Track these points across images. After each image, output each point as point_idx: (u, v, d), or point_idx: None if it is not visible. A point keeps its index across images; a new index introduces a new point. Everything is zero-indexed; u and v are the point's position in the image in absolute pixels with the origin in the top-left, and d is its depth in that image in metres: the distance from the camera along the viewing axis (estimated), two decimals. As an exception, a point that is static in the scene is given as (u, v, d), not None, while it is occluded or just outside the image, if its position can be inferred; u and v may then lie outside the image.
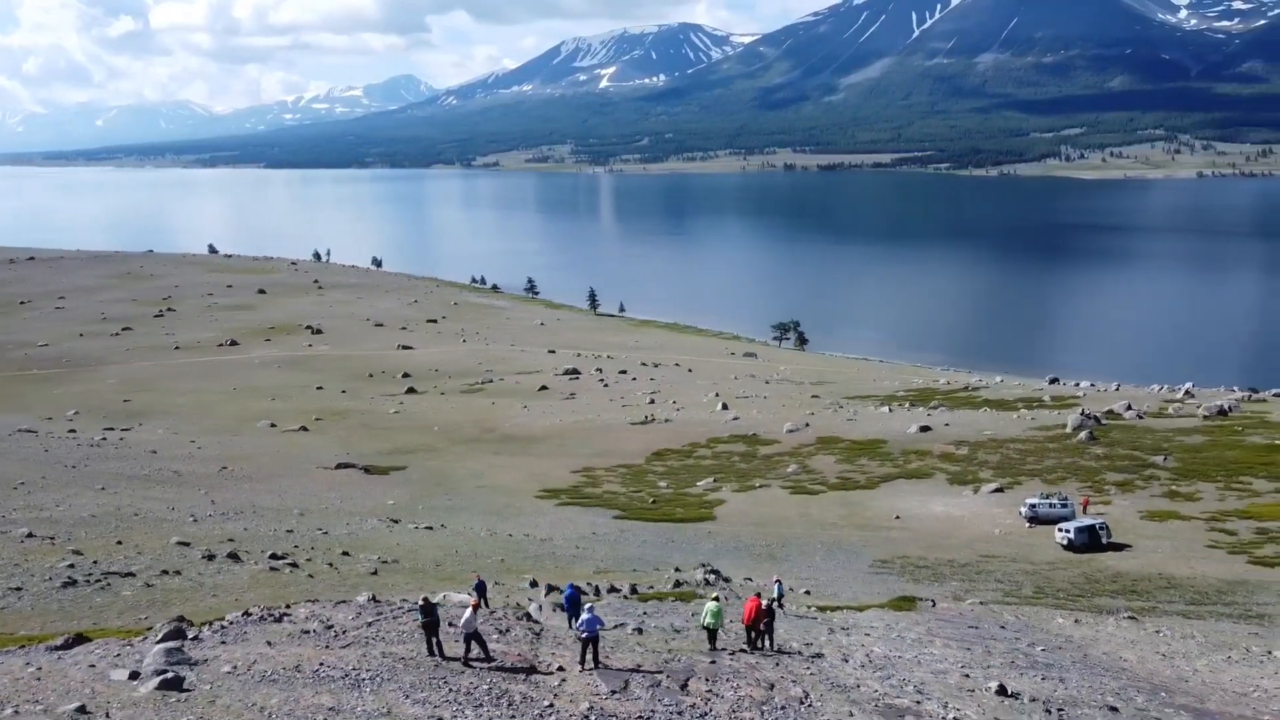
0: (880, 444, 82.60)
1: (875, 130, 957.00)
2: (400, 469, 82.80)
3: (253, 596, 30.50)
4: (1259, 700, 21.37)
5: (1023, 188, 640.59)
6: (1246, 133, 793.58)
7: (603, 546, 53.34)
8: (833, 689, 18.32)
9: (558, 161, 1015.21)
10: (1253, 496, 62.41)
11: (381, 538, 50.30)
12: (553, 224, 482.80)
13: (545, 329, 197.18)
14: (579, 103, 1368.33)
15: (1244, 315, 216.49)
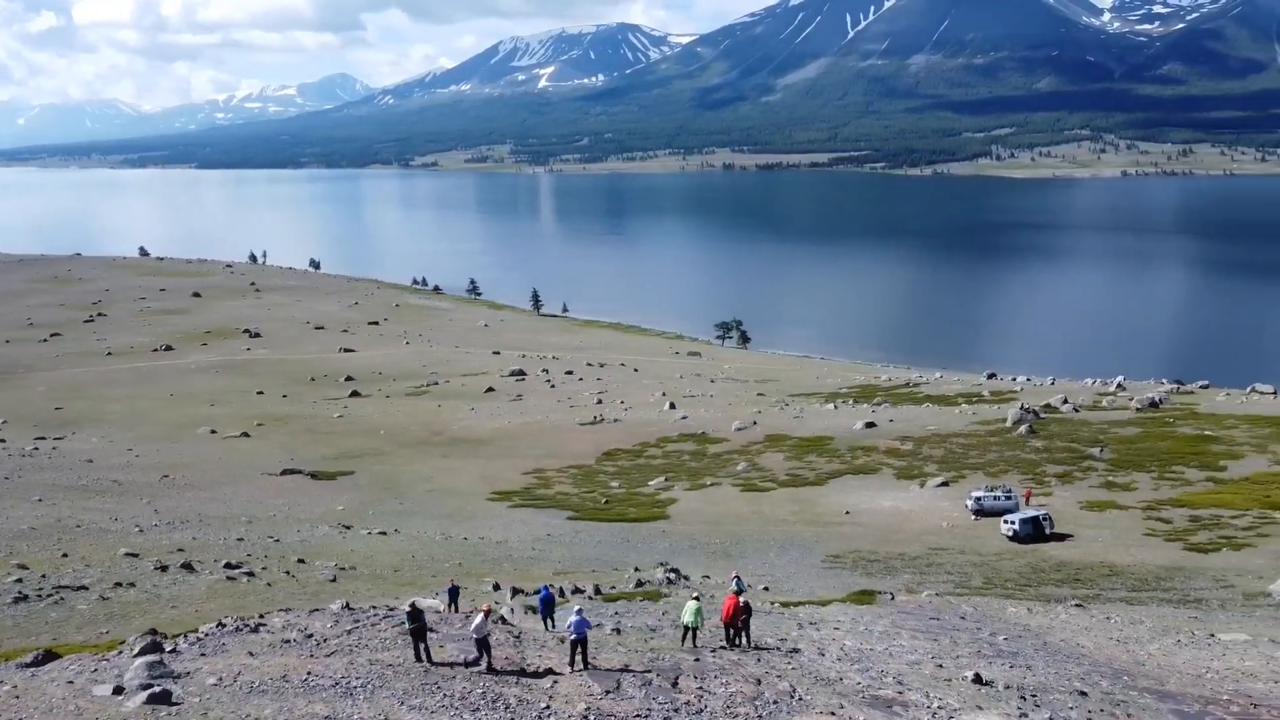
0: (827, 441, 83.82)
1: (812, 130, 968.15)
2: (347, 474, 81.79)
3: (213, 607, 30.03)
4: (1213, 681, 22.34)
5: (956, 187, 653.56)
6: (1167, 132, 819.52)
7: (559, 548, 53.39)
8: (816, 682, 18.75)
9: (497, 161, 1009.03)
10: (1185, 485, 64.70)
11: (335, 544, 49.74)
12: (493, 224, 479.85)
13: (489, 330, 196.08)
14: (518, 102, 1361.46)
15: (1168, 310, 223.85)
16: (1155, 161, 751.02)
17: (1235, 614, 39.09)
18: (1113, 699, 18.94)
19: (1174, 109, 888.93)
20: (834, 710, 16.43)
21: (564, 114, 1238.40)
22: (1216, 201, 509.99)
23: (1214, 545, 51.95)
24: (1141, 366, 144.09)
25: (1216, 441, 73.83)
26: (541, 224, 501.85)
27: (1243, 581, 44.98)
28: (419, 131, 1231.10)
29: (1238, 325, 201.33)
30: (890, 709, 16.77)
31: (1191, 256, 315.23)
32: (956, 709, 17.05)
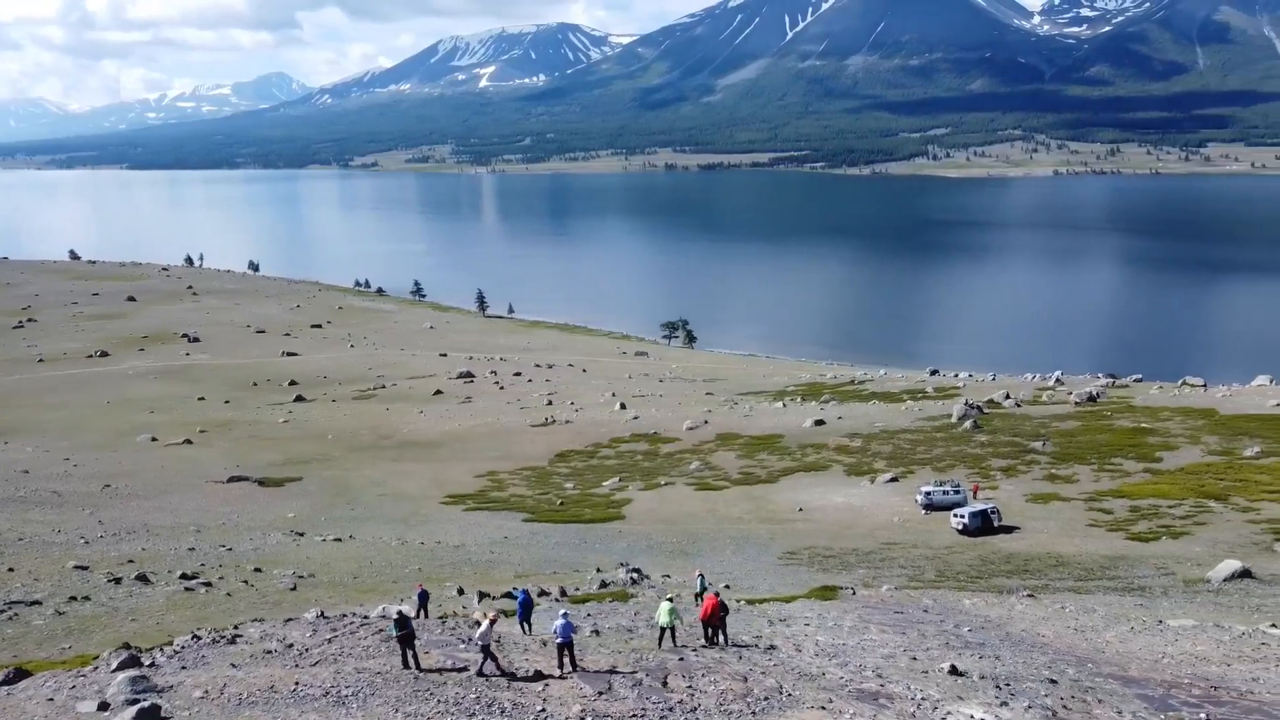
0: (778, 439, 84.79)
1: (753, 130, 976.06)
2: (296, 480, 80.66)
3: (174, 619, 29.53)
4: (1170, 666, 23.23)
5: (894, 186, 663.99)
6: (1096, 132, 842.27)
7: (517, 550, 53.33)
8: (800, 678, 19.11)
9: (438, 162, 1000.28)
10: (1124, 477, 66.70)
11: (290, 552, 49.12)
12: (436, 225, 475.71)
13: (435, 332, 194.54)
14: (459, 102, 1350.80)
15: (1100, 306, 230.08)
16: (1085, 161, 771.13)
17: (1178, 600, 40.54)
18: (1080, 686, 19.65)
19: (1101, 110, 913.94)
20: (824, 705, 16.80)
21: (505, 114, 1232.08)
22: (1143, 200, 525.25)
23: (1154, 534, 53.69)
24: (1077, 361, 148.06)
25: (1152, 434, 76.24)
26: (485, 225, 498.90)
27: (1182, 569, 46.60)
28: (358, 131, 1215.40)
29: (1166, 320, 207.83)
30: (877, 701, 17.20)
31: (1120, 254, 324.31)
32: (939, 700, 17.56)
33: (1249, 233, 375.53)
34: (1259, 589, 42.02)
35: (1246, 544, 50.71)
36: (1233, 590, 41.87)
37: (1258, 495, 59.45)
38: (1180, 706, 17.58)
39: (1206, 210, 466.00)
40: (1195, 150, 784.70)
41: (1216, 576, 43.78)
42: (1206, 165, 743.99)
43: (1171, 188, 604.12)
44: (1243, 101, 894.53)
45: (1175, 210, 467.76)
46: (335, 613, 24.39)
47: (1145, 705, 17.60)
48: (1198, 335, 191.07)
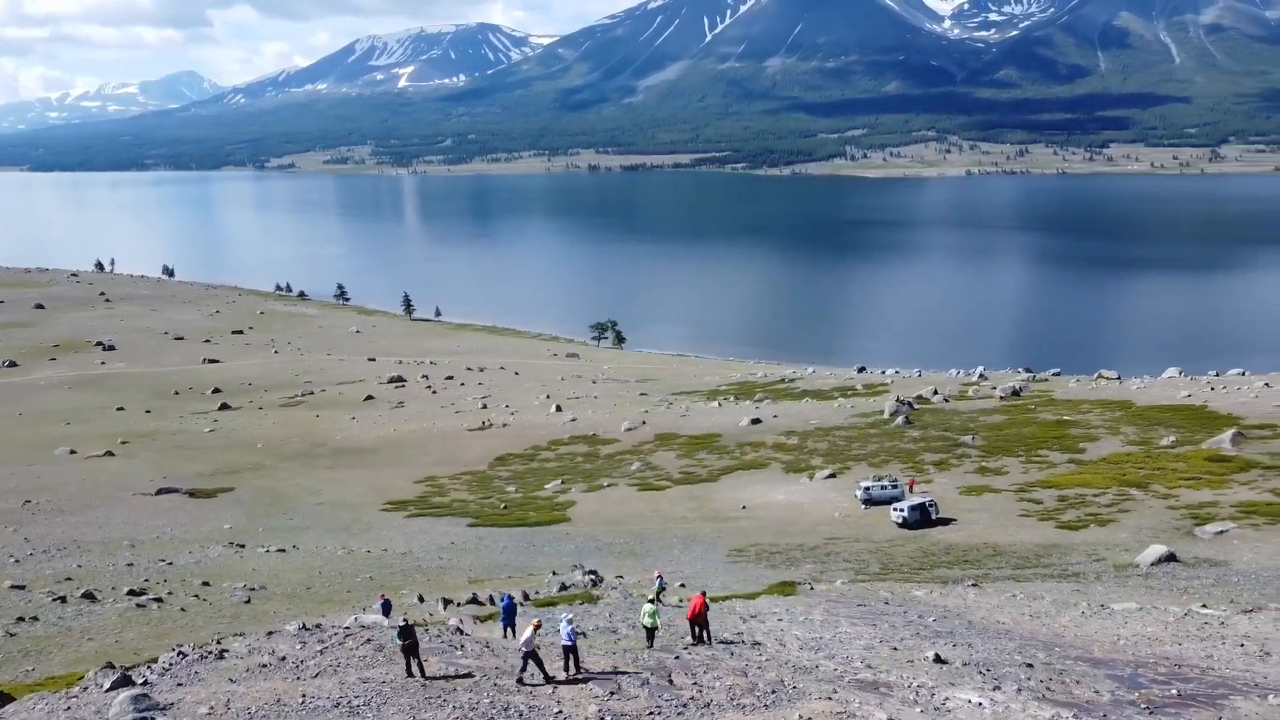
0: (716, 438, 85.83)
1: (674, 131, 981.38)
2: (228, 490, 79.01)
3: (132, 637, 28.86)
4: (1129, 647, 24.48)
5: (814, 186, 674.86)
6: (1005, 133, 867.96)
7: (466, 555, 53.17)
8: (796, 671, 19.67)
9: (358, 163, 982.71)
10: (1050, 468, 69.27)
11: (234, 565, 48.18)
12: (357, 227, 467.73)
13: (361, 336, 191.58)
14: (377, 102, 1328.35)
15: (1015, 302, 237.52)
16: (996, 161, 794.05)
17: (1110, 585, 42.40)
18: (1053, 669, 20.65)
19: (1010, 111, 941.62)
20: (829, 695, 17.36)
21: (426, 114, 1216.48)
22: (1050, 199, 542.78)
23: (1082, 522, 55.96)
24: (995, 356, 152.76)
25: (1074, 426, 79.27)
26: (407, 226, 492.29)
27: (1111, 554, 48.72)
28: (274, 132, 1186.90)
29: (1077, 315, 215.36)
30: (877, 690, 17.84)
31: (1031, 251, 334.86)
32: (934, 686, 18.29)
33: (1149, 230, 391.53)
34: (1184, 572, 44.19)
35: (1169, 529, 53.19)
36: (1160, 574, 43.95)
37: (1175, 483, 62.33)
38: (1150, 684, 18.66)
39: (1110, 209, 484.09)
40: (1099, 150, 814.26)
41: (1144, 561, 45.90)
42: (1109, 165, 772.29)
43: (1077, 187, 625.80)
44: (1142, 103, 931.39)
45: (1081, 209, 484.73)
46: (313, 623, 24.14)
47: (1118, 684, 18.63)
48: (1108, 330, 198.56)
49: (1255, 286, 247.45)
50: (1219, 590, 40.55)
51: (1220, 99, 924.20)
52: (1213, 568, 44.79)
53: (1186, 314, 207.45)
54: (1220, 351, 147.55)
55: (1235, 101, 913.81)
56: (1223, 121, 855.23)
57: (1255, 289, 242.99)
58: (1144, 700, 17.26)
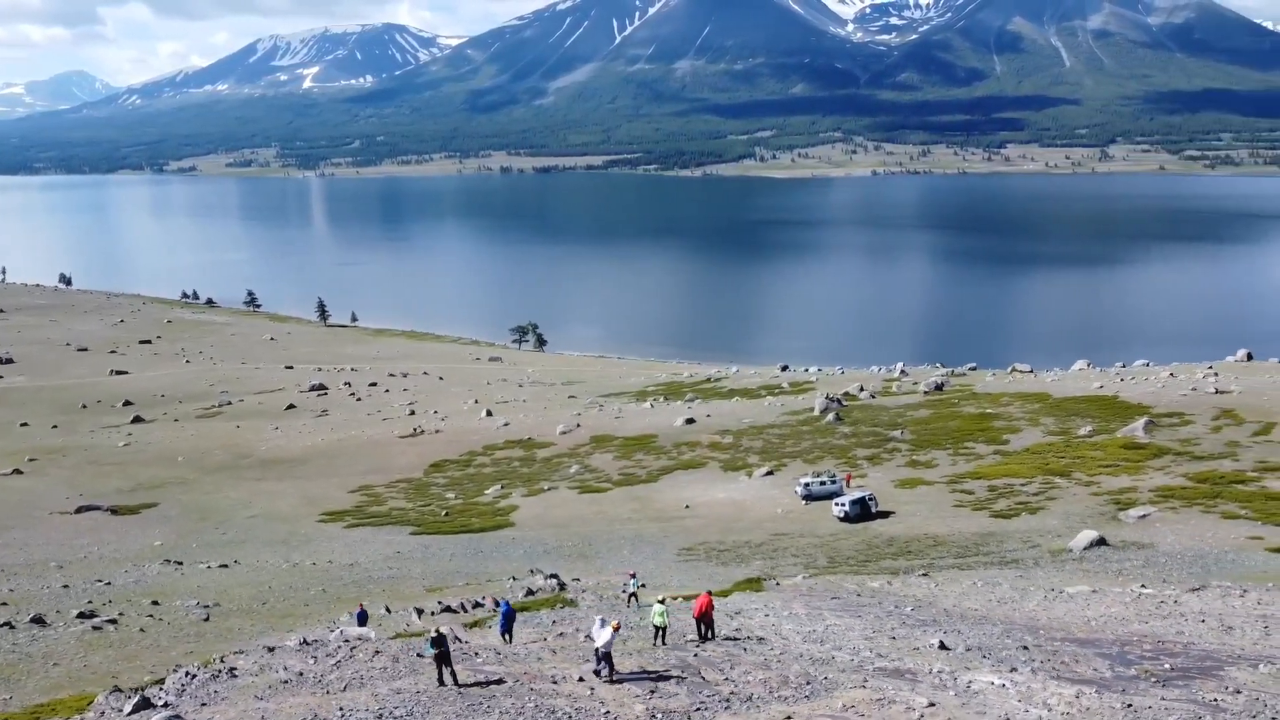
0: (651, 439, 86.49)
1: (586, 133, 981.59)
2: (151, 506, 76.55)
3: (100, 660, 27.94)
4: (1103, 626, 25.81)
5: (725, 187, 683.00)
6: (908, 134, 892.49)
7: (415, 564, 52.63)
8: (814, 663, 20.21)
9: (262, 165, 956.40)
10: (978, 459, 71.77)
11: (177, 582, 46.85)
12: (264, 232, 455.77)
13: (277, 344, 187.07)
14: (281, 104, 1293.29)
15: (926, 299, 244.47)
16: (900, 161, 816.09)
17: (1049, 570, 44.31)
18: (1046, 650, 21.68)
19: (912, 113, 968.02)
20: (863, 684, 17.92)
21: (332, 116, 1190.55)
22: (953, 198, 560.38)
23: (1014, 511, 58.22)
24: (912, 353, 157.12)
25: (997, 418, 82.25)
26: (316, 230, 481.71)
27: (1045, 541, 50.87)
28: (173, 134, 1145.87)
29: (986, 311, 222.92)
30: (904, 677, 18.47)
31: (939, 249, 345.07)
32: (954, 671, 19.03)
33: (1047, 228, 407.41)
34: (1115, 554, 46.46)
35: (1095, 515, 55.74)
36: (1094, 557, 46.13)
37: (1095, 470, 65.29)
38: (1140, 660, 19.79)
39: (1009, 207, 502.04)
40: (996, 151, 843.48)
41: (1077, 546, 48.09)
42: (1007, 165, 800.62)
43: (977, 186, 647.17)
44: (1035, 105, 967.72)
45: (982, 208, 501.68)
46: (314, 638, 23.77)
47: (1111, 662, 19.72)
48: (1016, 324, 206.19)
49: (1148, 280, 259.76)
50: (1150, 571, 42.81)
51: (1108, 101, 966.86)
52: (1140, 550, 47.19)
53: (1087, 308, 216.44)
54: (1122, 343, 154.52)
55: (1122, 103, 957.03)
56: (1111, 123, 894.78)
57: (1148, 283, 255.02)
58: (1146, 675, 18.36)
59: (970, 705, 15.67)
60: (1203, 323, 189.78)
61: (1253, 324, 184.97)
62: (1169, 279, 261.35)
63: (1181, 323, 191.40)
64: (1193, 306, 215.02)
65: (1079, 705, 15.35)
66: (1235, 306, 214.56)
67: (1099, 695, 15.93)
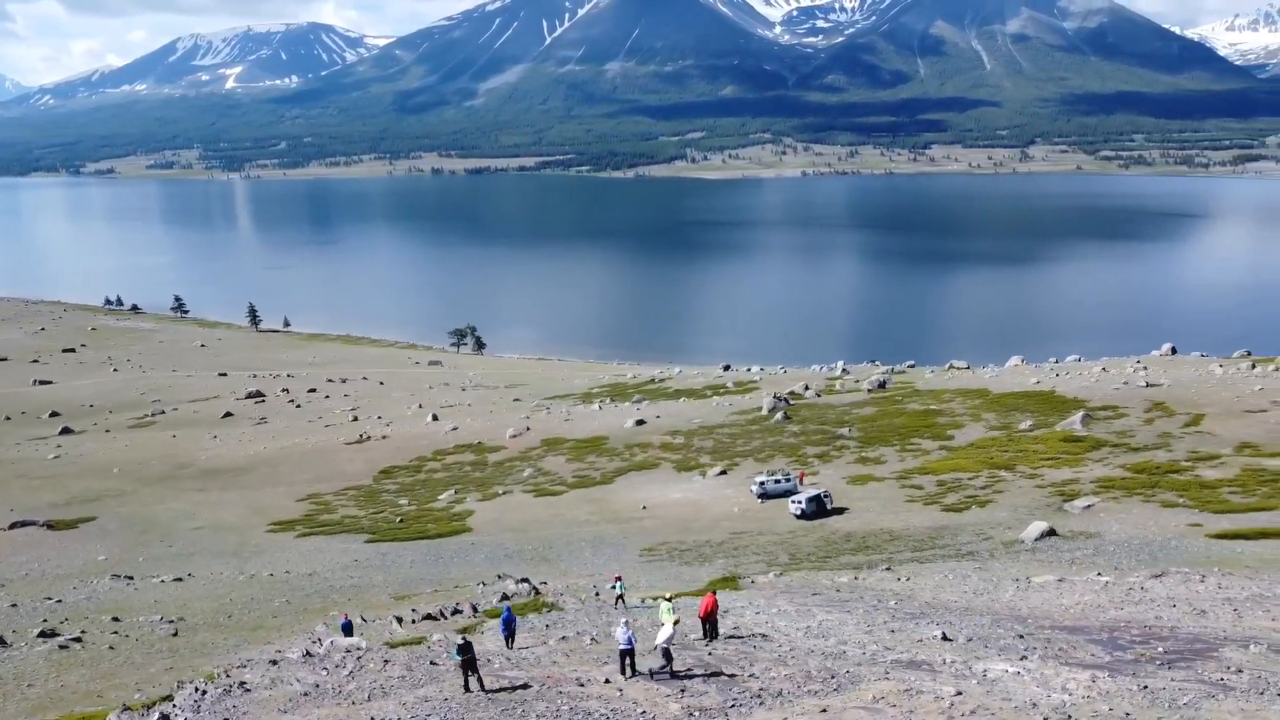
0: (603, 440, 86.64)
1: (517, 134, 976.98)
2: (89, 520, 74.29)
3: (76, 679, 27.16)
4: (1083, 614, 26.80)
5: (657, 188, 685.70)
6: (835, 135, 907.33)
7: (375, 572, 52.06)
8: (828, 657, 20.60)
9: (185, 167, 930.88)
10: (925, 455, 73.41)
11: (132, 598, 45.66)
12: (189, 235, 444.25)
13: (208, 350, 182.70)
14: (203, 104, 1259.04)
15: (860, 299, 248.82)
16: (829, 162, 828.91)
17: (1005, 561, 45.62)
18: (1040, 639, 22.43)
19: (839, 115, 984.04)
20: (885, 676, 18.32)
21: (257, 117, 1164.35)
22: (881, 198, 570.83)
23: (964, 505, 59.71)
24: (848, 351, 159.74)
25: (940, 414, 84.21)
26: (242, 234, 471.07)
27: (997, 533, 52.31)
28: (90, 135, 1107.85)
29: (920, 309, 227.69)
30: (921, 669, 18.95)
31: (870, 248, 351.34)
32: (966, 660, 19.57)
33: (973, 226, 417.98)
34: (1065, 544, 48.02)
35: (1041, 506, 57.46)
36: (1045, 548, 47.61)
37: (1038, 463, 67.27)
38: (1132, 644, 20.69)
39: (936, 206, 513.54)
40: (921, 151, 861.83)
41: (1029, 537, 49.57)
42: (932, 165, 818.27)
43: (904, 186, 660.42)
44: (958, 107, 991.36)
45: (910, 207, 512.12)
46: (317, 650, 23.38)
47: (1105, 648, 20.55)
48: (950, 322, 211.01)
49: (1072, 278, 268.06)
50: (1100, 560, 44.36)
51: (1027, 103, 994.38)
52: (1088, 539, 48.85)
53: (1016, 305, 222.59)
54: (1052, 339, 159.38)
55: (1040, 105, 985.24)
56: (1030, 124, 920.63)
57: (1072, 280, 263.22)
58: (1145, 658, 19.21)
59: (995, 692, 16.25)
60: (1125, 318, 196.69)
61: (1171, 319, 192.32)
62: (1091, 276, 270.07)
63: (1105, 318, 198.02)
64: (1115, 303, 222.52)
65: (1097, 688, 16.05)
66: (1153, 302, 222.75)
67: (1112, 679, 16.66)
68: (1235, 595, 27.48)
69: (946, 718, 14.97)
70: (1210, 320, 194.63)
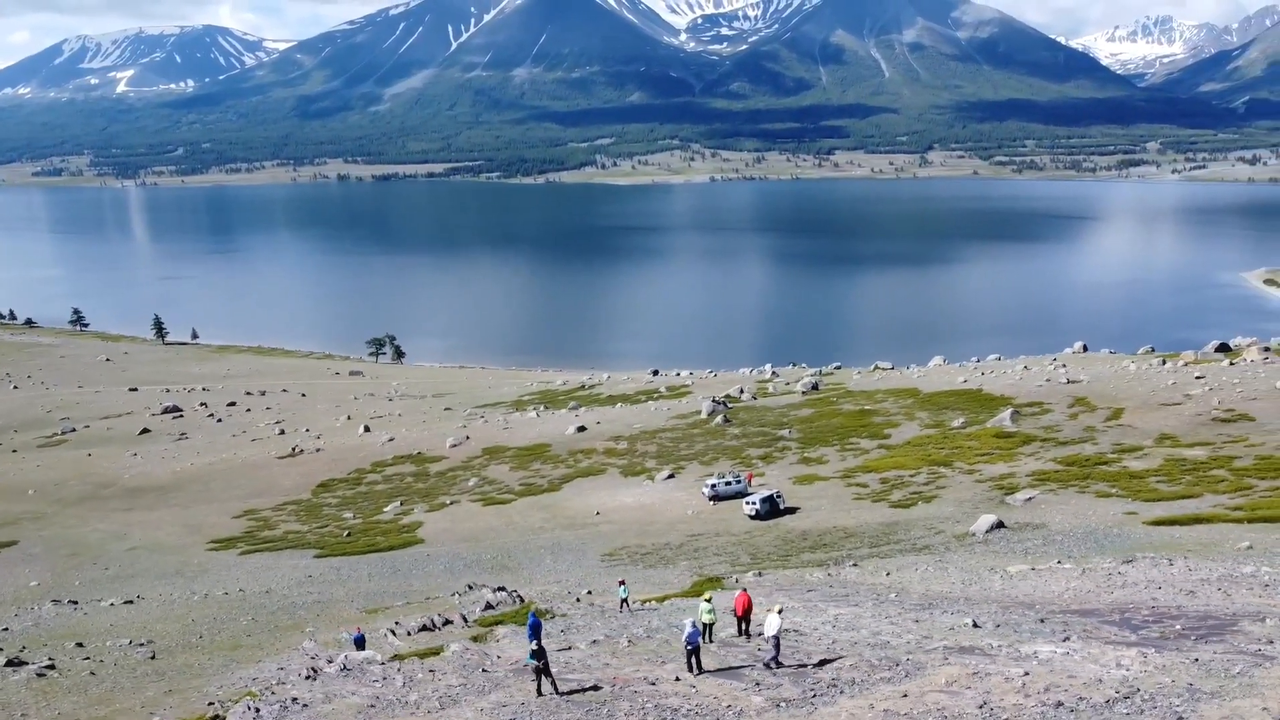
0: (545, 448, 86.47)
1: (425, 140, 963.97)
2: (10, 545, 71.18)
3: (70, 707, 26.08)
4: (1082, 598, 28.04)
5: (567, 194, 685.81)
6: (742, 141, 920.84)
7: (334, 587, 51.09)
8: (877, 648, 21.18)
9: (74, 174, 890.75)
10: (864, 454, 75.34)
11: (83, 623, 43.92)
12: (81, 246, 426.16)
13: (114, 365, 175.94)
14: (93, 109, 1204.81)
15: (776, 302, 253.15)
16: (736, 168, 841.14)
17: (961, 553, 47.20)
18: (1059, 622, 23.43)
19: (744, 121, 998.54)
20: (946, 661, 18.74)
21: (151, 121, 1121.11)
22: (789, 202, 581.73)
23: (910, 501, 61.58)
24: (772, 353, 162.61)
25: (875, 414, 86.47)
26: (140, 243, 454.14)
27: (947, 527, 54.09)
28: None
29: (838, 311, 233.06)
30: (975, 654, 19.54)
31: (784, 252, 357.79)
32: (1013, 643, 20.32)
33: (881, 229, 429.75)
34: (1015, 536, 49.93)
35: (984, 500, 59.64)
36: (997, 539, 49.42)
37: (974, 460, 69.72)
38: (1148, 624, 21.91)
39: (843, 210, 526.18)
40: (825, 157, 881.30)
41: (979, 530, 51.39)
42: (836, 170, 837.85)
43: (811, 191, 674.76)
44: (859, 114, 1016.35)
45: (818, 211, 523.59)
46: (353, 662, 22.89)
47: (1125, 629, 21.67)
48: (869, 323, 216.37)
49: (980, 278, 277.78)
50: (1052, 549, 46.30)
51: (924, 110, 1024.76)
52: (1036, 530, 50.91)
53: (930, 305, 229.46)
54: (969, 338, 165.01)
55: (936, 112, 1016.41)
56: (928, 130, 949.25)
57: (980, 280, 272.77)
58: (1175, 634, 20.42)
59: (1057, 670, 17.10)
60: (1033, 317, 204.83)
61: (1073, 317, 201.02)
62: (997, 277, 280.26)
63: (1015, 317, 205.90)
64: (1022, 302, 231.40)
65: (1152, 663, 17.04)
66: (1056, 301, 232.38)
67: (1160, 654, 17.72)
68: (1209, 577, 29.25)
69: (1024, 695, 15.73)
70: (1109, 317, 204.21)
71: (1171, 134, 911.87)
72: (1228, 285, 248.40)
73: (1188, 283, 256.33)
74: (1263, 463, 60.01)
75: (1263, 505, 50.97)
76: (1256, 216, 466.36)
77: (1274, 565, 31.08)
